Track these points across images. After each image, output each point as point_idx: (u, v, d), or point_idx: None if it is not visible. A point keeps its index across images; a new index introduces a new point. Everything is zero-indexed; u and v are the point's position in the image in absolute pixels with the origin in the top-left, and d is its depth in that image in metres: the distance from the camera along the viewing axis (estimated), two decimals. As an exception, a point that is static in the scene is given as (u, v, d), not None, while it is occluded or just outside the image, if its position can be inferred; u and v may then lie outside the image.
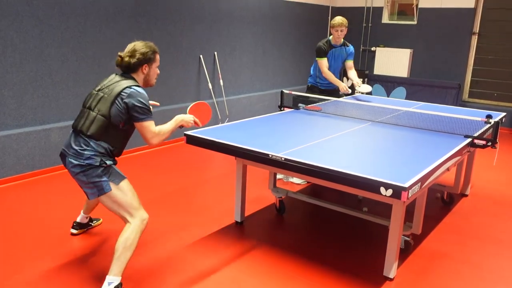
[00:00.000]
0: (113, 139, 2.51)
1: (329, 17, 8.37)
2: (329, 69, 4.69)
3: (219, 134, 3.07)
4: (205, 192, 4.14)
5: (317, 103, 4.48)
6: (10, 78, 4.06)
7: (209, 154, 5.25)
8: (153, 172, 4.62)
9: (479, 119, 3.49)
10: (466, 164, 4.17)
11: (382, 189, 2.29)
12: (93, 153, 2.42)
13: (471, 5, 7.23)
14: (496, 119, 3.41)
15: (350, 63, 4.85)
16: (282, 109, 4.24)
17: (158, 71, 2.70)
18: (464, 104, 7.44)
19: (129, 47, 2.59)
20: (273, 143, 2.95)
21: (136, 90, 2.47)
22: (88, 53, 4.64)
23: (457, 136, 3.31)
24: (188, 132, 3.08)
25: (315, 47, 4.70)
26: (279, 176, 4.45)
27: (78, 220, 3.19)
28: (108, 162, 2.47)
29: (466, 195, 4.25)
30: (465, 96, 7.65)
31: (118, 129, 2.50)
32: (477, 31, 7.35)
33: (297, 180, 4.43)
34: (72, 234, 3.17)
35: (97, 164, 2.42)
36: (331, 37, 4.67)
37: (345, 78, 5.15)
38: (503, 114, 4.17)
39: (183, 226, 3.40)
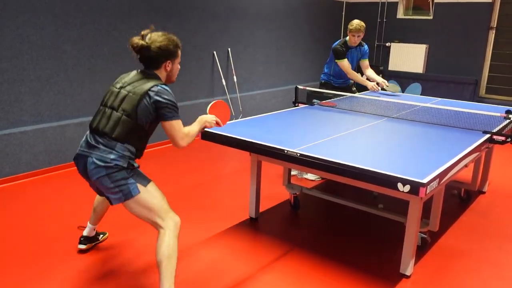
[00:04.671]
0: (138, 141, 2.33)
1: (343, 13, 8.30)
2: None
3: (234, 130, 3.06)
4: (219, 188, 4.14)
5: (332, 99, 4.45)
6: (27, 75, 4.11)
7: (223, 150, 5.26)
8: (168, 168, 4.64)
9: (498, 114, 3.42)
10: (483, 161, 4.10)
11: (399, 185, 2.26)
12: (120, 155, 2.25)
13: (489, -1, 7.11)
14: (516, 115, 3.35)
15: (366, 62, 4.79)
16: (296, 105, 4.22)
17: (179, 67, 2.58)
18: (481, 100, 7.31)
19: (148, 36, 2.39)
20: (288, 139, 2.93)
21: (164, 88, 2.33)
22: (103, 49, 4.67)
23: (475, 132, 3.26)
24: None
25: (328, 43, 4.66)
26: (293, 172, 4.43)
27: (85, 233, 2.93)
28: (135, 165, 2.32)
29: (484, 192, 4.19)
30: (482, 91, 7.52)
31: (143, 130, 2.32)
32: (495, 26, 7.21)
33: (311, 177, 4.40)
34: (81, 250, 2.92)
35: (125, 166, 2.25)
36: (347, 38, 4.60)
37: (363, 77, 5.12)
38: (522, 109, 4.09)
39: (197, 222, 3.41)
